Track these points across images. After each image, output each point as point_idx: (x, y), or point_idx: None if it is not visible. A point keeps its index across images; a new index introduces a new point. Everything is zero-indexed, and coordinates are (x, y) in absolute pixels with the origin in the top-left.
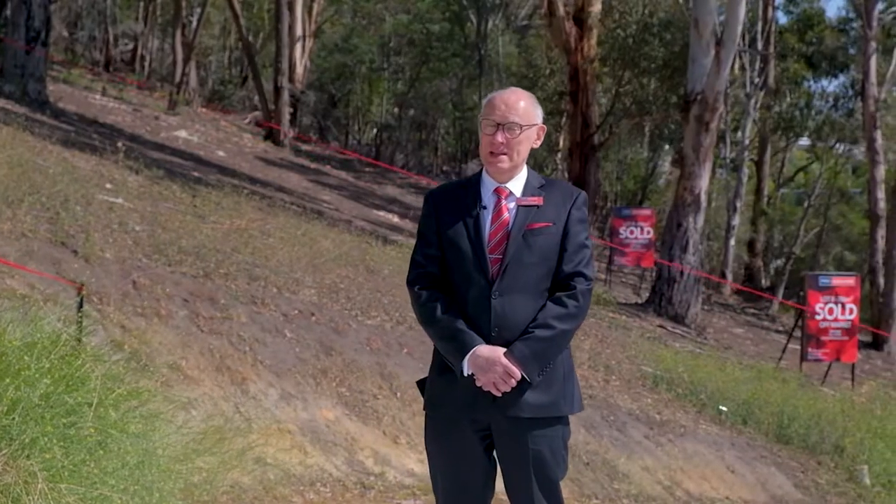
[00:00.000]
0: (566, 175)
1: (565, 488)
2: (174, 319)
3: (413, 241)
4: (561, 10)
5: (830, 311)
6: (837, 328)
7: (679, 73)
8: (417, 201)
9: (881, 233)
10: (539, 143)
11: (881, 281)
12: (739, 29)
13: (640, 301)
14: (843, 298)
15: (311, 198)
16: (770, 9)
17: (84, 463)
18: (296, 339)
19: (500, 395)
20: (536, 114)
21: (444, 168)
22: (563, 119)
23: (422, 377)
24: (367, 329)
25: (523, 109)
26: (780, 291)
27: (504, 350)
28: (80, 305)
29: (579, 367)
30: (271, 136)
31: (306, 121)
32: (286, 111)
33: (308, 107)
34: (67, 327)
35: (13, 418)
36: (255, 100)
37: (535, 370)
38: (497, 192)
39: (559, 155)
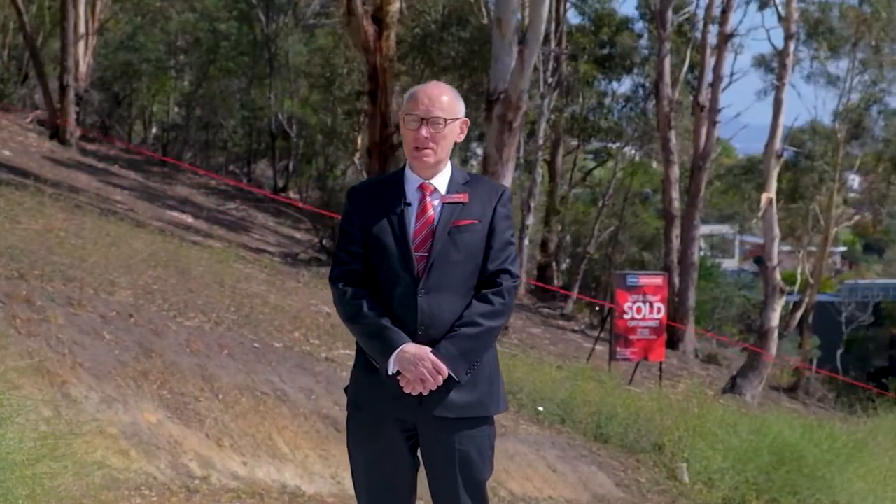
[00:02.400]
0: (365, 175)
1: None
2: None
3: (211, 242)
4: (360, 9)
5: (639, 311)
6: (645, 327)
7: (478, 71)
8: (208, 201)
9: (676, 232)
10: (462, 137)
11: (676, 280)
12: (543, 28)
13: None
14: (651, 297)
15: (105, 198)
16: (562, 8)
17: None
18: (115, 340)
19: (426, 393)
20: (459, 107)
21: (231, 168)
22: (362, 119)
23: (346, 385)
24: (186, 330)
25: (447, 103)
26: (575, 291)
27: (430, 349)
28: None
29: None
30: (57, 135)
31: (90, 119)
32: (72, 110)
33: (92, 106)
34: None
35: None
36: (37, 98)
37: (463, 368)
38: (421, 188)
39: (357, 155)
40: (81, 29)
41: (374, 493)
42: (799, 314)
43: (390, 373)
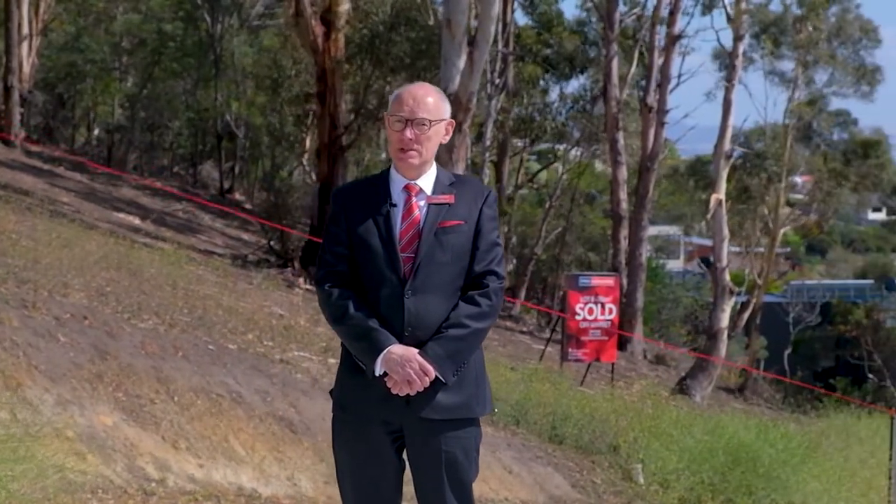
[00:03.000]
0: (314, 177)
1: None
2: None
3: (160, 244)
4: (308, 10)
5: (590, 312)
6: (597, 328)
7: (427, 72)
8: (153, 203)
9: (624, 233)
10: (448, 138)
11: (624, 281)
12: (493, 29)
13: None
14: (602, 298)
15: (52, 200)
16: (510, 9)
17: None
18: (70, 343)
19: (413, 394)
20: (445, 108)
21: (176, 170)
22: (310, 120)
23: (331, 388)
24: (140, 333)
25: (432, 105)
26: (522, 293)
27: (417, 350)
28: None
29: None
30: (0, 136)
31: (34, 121)
32: (17, 111)
33: (36, 107)
34: None
35: None
36: None
37: (450, 370)
38: (407, 188)
39: (306, 157)
40: (25, 30)
41: (359, 494)
42: (746, 315)
43: (377, 374)
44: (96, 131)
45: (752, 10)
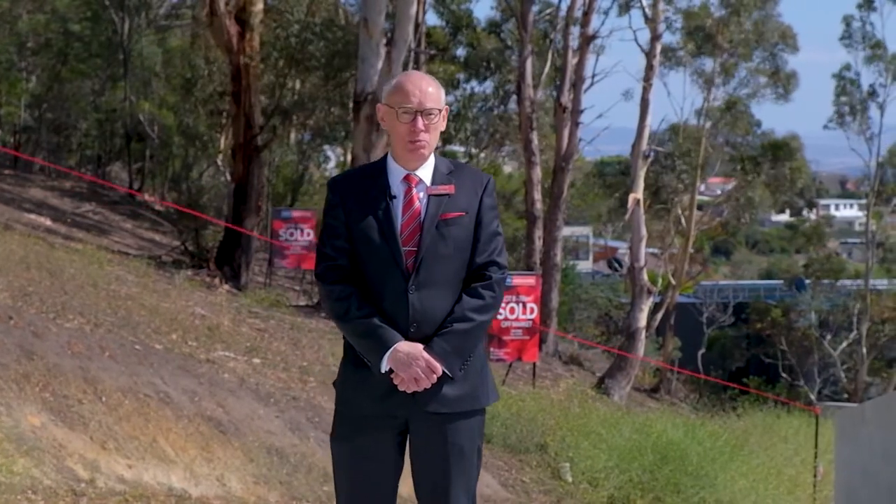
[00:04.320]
0: (228, 177)
1: (274, 491)
2: None
3: (73, 244)
4: (222, 9)
5: (512, 311)
6: (519, 328)
7: (343, 71)
8: (63, 204)
9: (538, 233)
10: (444, 126)
11: None
12: (410, 28)
13: (310, 303)
14: (524, 298)
15: None
16: (421, 9)
17: None
18: None
19: (421, 391)
20: (443, 97)
21: (84, 171)
22: (224, 120)
23: (335, 379)
24: (66, 333)
25: (435, 94)
26: None
27: (423, 346)
28: None
29: (273, 368)
30: None
31: None
32: None
33: None
34: None
35: None
36: None
37: (457, 365)
38: (407, 179)
39: (221, 156)
40: None
41: (356, 489)
42: (660, 315)
43: (383, 371)
44: (12, 133)
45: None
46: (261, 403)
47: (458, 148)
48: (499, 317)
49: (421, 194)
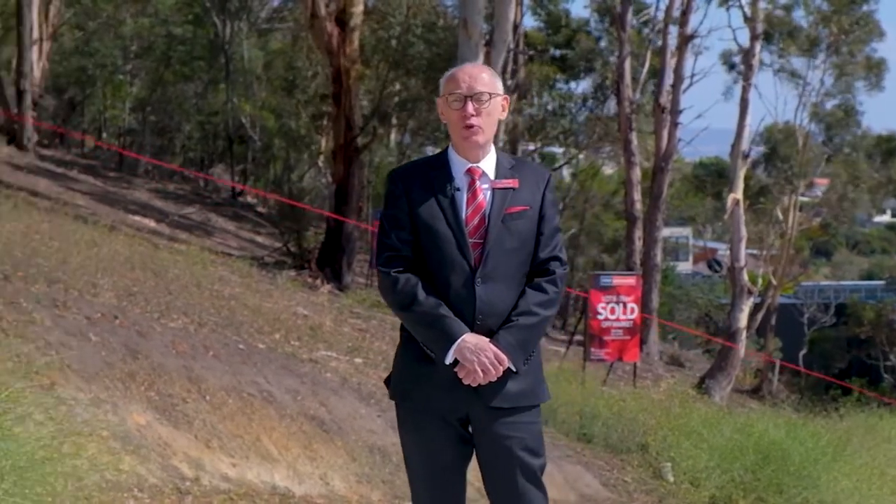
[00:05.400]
0: (329, 178)
1: (377, 490)
2: None
3: (177, 245)
4: (323, 11)
5: (612, 311)
6: (619, 328)
7: (443, 73)
8: (167, 206)
9: (638, 234)
10: (505, 114)
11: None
12: (509, 28)
13: None
14: (624, 298)
15: (67, 203)
16: (519, 11)
17: None
18: (101, 342)
19: (485, 384)
20: (499, 84)
21: (187, 174)
22: (325, 121)
23: (388, 376)
24: (170, 332)
25: (487, 79)
26: None
27: (488, 339)
28: None
29: (374, 368)
30: (14, 140)
31: (46, 125)
32: (29, 115)
33: (47, 111)
34: None
35: None
36: None
37: (521, 359)
38: (470, 172)
39: (321, 158)
40: (35, 34)
41: (429, 480)
42: (761, 316)
43: (447, 363)
44: (104, 135)
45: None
46: (363, 403)
47: (556, 149)
48: (599, 317)
49: (485, 187)
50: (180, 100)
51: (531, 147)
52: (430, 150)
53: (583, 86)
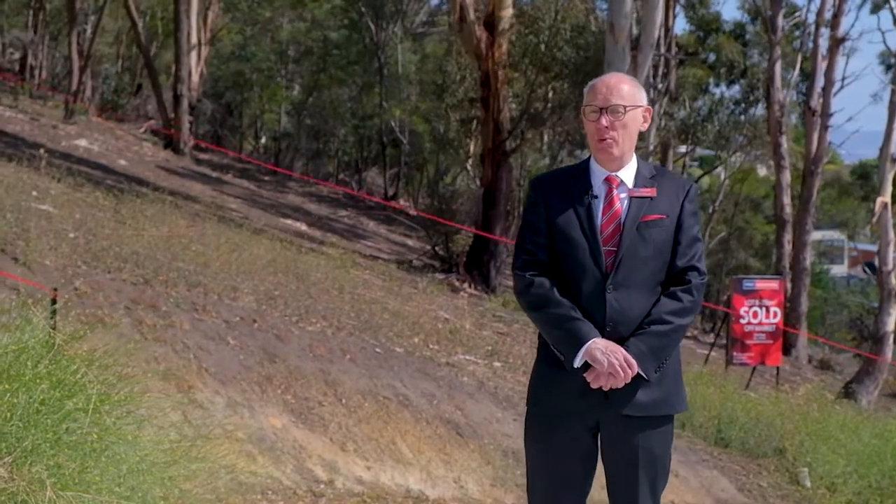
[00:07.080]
0: (478, 182)
1: (511, 494)
2: (118, 327)
3: (325, 249)
4: (471, 16)
5: (755, 315)
6: (762, 332)
7: (591, 77)
8: (320, 209)
9: (788, 237)
10: (646, 125)
11: (789, 285)
12: (657, 33)
13: None
14: (767, 302)
15: (220, 206)
16: (671, 14)
17: (87, 469)
18: (239, 346)
19: (613, 389)
20: (640, 96)
21: (342, 177)
22: (474, 125)
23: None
24: (308, 335)
25: (626, 91)
26: None
27: (619, 346)
28: (54, 311)
29: (513, 371)
30: (171, 144)
31: (202, 129)
32: (186, 119)
33: (204, 115)
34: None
35: (13, 424)
36: (149, 109)
37: (652, 367)
38: (608, 180)
39: (470, 161)
40: (193, 39)
41: (550, 492)
42: None
43: (576, 365)
44: (263, 139)
45: None
46: (499, 406)
47: (707, 152)
48: (741, 321)
49: (622, 195)
50: (335, 104)
51: (682, 149)
52: (582, 154)
53: (734, 90)
